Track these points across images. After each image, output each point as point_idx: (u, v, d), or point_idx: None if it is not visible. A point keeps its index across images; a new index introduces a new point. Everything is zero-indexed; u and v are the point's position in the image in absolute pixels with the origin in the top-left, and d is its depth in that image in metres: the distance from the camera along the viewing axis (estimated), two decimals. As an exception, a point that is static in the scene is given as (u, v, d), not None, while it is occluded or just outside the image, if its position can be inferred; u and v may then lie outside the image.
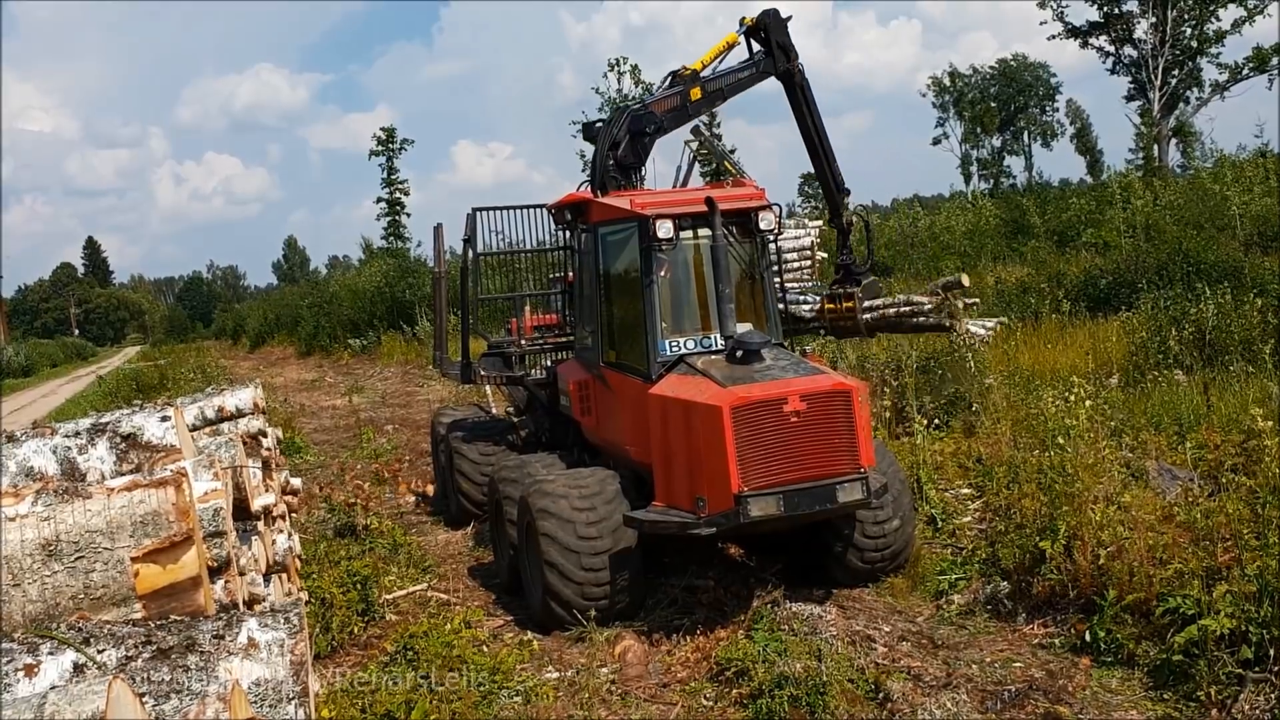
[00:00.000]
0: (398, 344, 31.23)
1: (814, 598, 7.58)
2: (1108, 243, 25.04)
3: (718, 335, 7.68)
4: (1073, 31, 49.66)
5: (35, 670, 2.48)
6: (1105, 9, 48.27)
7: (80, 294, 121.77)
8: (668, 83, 10.29)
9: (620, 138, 9.57)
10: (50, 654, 2.53)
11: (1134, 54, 48.58)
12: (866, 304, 11.89)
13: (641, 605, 7.59)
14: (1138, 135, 49.97)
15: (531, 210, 11.12)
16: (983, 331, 12.50)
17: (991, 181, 77.90)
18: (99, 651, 2.56)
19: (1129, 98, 50.70)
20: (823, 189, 11.79)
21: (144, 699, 2.37)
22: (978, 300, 13.24)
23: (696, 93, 10.13)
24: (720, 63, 10.56)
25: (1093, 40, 49.60)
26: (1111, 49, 49.48)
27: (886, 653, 6.54)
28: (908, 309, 11.83)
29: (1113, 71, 50.16)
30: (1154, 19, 46.75)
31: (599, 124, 9.99)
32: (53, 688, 2.23)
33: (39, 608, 2.79)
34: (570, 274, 9.97)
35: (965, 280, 11.90)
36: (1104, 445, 7.71)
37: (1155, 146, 47.29)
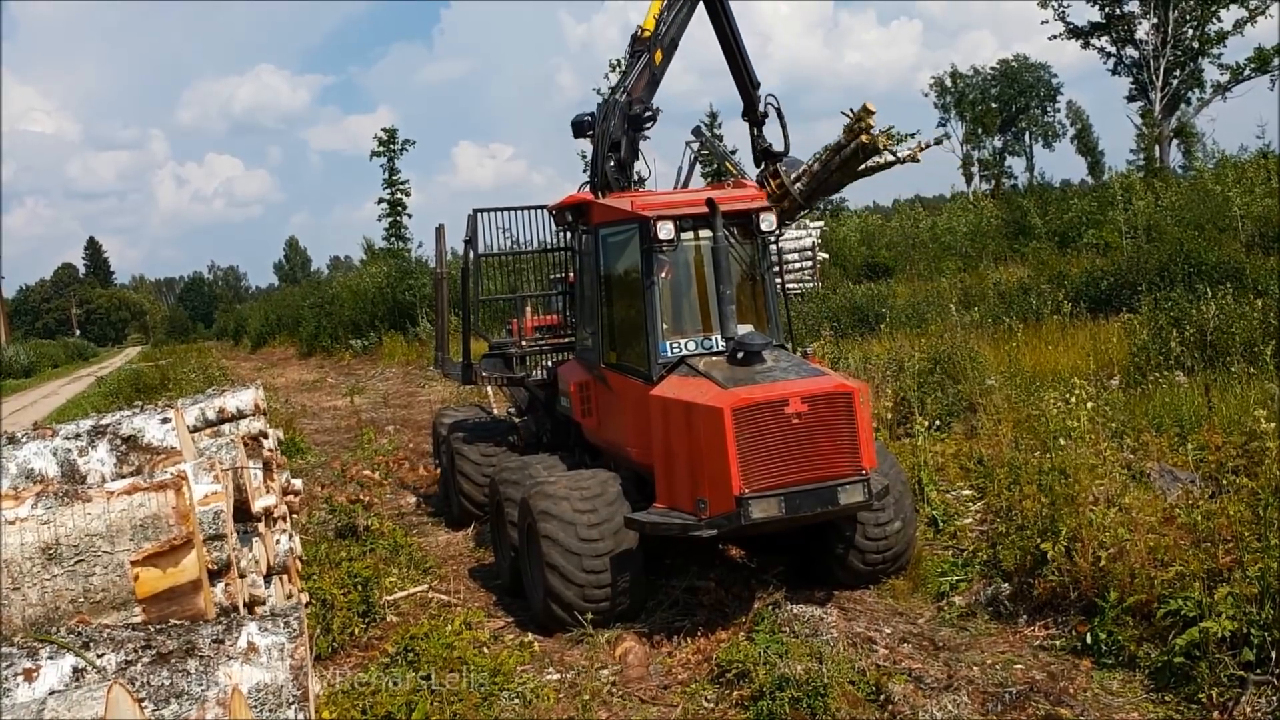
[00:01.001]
0: (399, 345, 31.23)
1: (815, 599, 7.58)
2: (1109, 243, 25.08)
3: (719, 336, 7.68)
4: (1074, 32, 49.69)
5: (35, 674, 2.47)
6: (1107, 9, 48.31)
7: (81, 294, 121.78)
8: (630, 53, 10.16)
9: (618, 137, 9.50)
10: (50, 658, 2.53)
11: (1135, 55, 48.60)
12: (794, 175, 11.65)
13: (642, 607, 7.59)
14: (1139, 136, 50.04)
15: (532, 211, 11.13)
16: (906, 152, 12.34)
17: (992, 182, 77.88)
18: (99, 655, 2.55)
19: (1130, 98, 50.76)
20: (739, 87, 11.51)
21: (143, 703, 2.37)
22: (893, 127, 12.89)
23: (659, 55, 10.02)
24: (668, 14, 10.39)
25: (1094, 41, 49.64)
26: (1113, 49, 49.51)
27: (888, 654, 6.54)
28: (831, 156, 11.46)
29: (1114, 72, 50.22)
30: (1155, 19, 46.77)
31: (588, 117, 9.87)
32: (52, 692, 2.22)
33: (39, 611, 2.79)
34: (571, 275, 9.97)
35: (871, 106, 11.75)
36: (1105, 447, 7.71)
37: (1156, 147, 47.32)
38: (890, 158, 11.38)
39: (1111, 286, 18.44)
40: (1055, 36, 50.80)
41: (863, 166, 11.50)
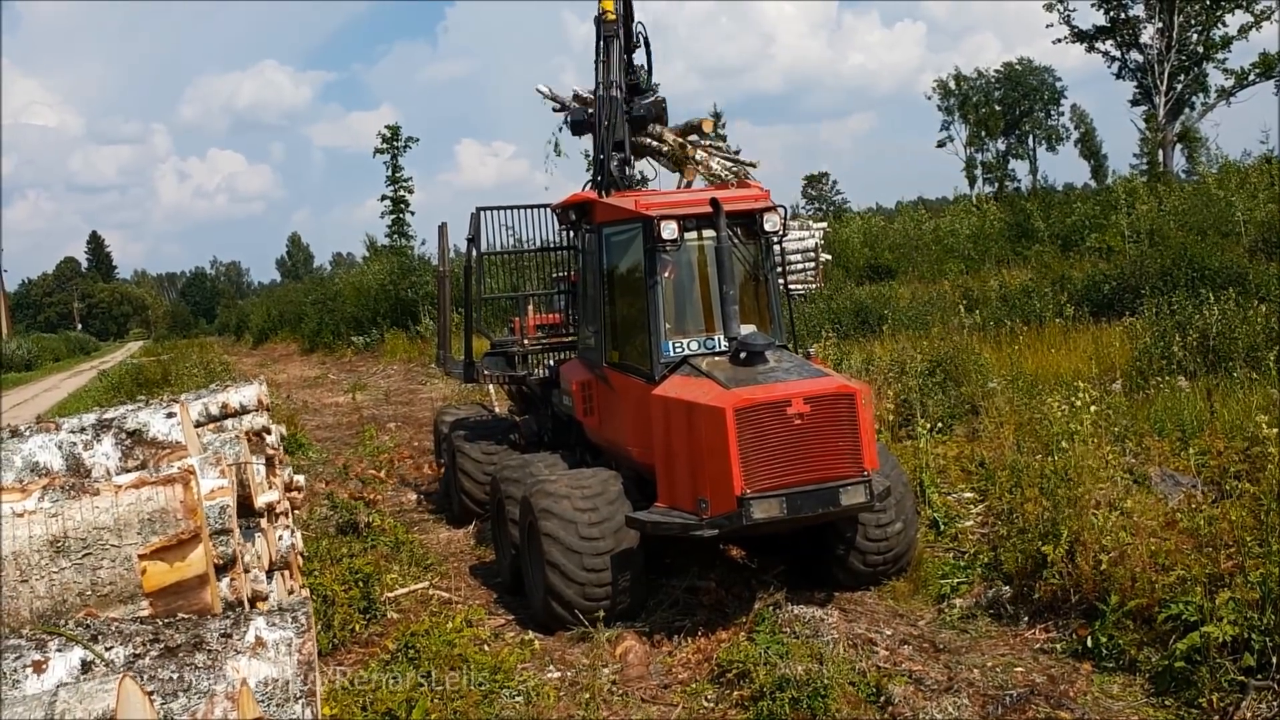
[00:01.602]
0: (401, 342, 31.27)
1: (816, 600, 7.59)
2: (1112, 247, 25.06)
3: (721, 337, 7.68)
4: (1079, 35, 49.69)
5: (44, 667, 2.48)
6: (1112, 13, 48.29)
7: (83, 289, 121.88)
8: (601, 39, 10.06)
9: (621, 135, 9.47)
10: (59, 650, 2.54)
11: (1140, 59, 48.61)
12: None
13: (643, 606, 7.60)
14: (1143, 140, 50.10)
15: (535, 210, 11.15)
16: (719, 168, 11.73)
17: (996, 185, 77.90)
18: (107, 649, 2.56)
19: (1134, 102, 50.78)
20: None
21: (152, 697, 2.38)
22: (726, 145, 12.58)
23: (621, 38, 9.99)
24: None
25: (1099, 44, 49.64)
26: (1117, 53, 49.52)
27: (888, 656, 6.55)
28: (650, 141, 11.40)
29: (1118, 76, 50.23)
30: (1160, 24, 46.75)
31: (586, 115, 9.77)
32: (62, 685, 2.23)
33: (46, 604, 2.80)
34: (574, 274, 9.97)
35: (707, 127, 11.37)
36: (1107, 450, 7.72)
37: (1160, 151, 47.33)
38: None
39: (1114, 290, 18.43)
40: (1060, 40, 50.89)
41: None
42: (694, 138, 11.12)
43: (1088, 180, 76.74)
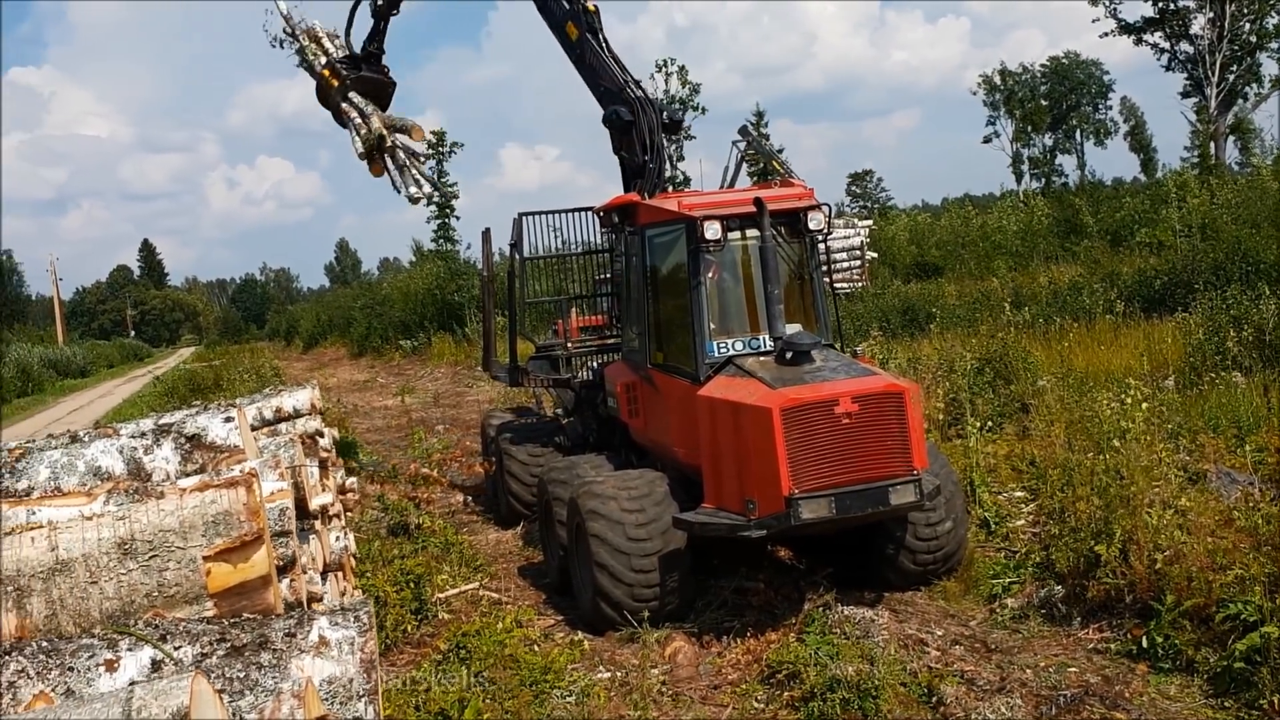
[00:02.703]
0: (448, 345, 31.49)
1: (865, 601, 7.56)
2: (1163, 242, 24.66)
3: (766, 336, 7.67)
4: (1126, 28, 48.96)
5: (116, 665, 2.55)
6: (1161, 5, 47.53)
7: (136, 296, 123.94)
8: (596, 36, 10.18)
9: (659, 139, 9.54)
10: (129, 650, 2.61)
11: (1190, 50, 47.79)
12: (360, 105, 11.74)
13: (691, 607, 7.61)
14: (1193, 133, 49.26)
15: (577, 214, 11.19)
16: (418, 191, 11.99)
17: (1043, 180, 76.93)
18: (175, 648, 2.63)
19: (1184, 94, 49.92)
20: None
21: (221, 695, 2.43)
22: (432, 160, 12.77)
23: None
24: None
25: (1147, 36, 48.87)
26: (1167, 45, 48.71)
27: (939, 656, 6.51)
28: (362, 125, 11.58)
29: (1167, 68, 49.41)
30: (1211, 14, 45.94)
31: (625, 118, 9.81)
32: (134, 683, 2.30)
33: (115, 605, 2.88)
34: (615, 276, 10.00)
35: (416, 136, 11.61)
36: (1160, 448, 7.61)
37: (1212, 144, 46.44)
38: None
39: (1165, 286, 18.16)
40: (1107, 34, 50.12)
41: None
42: (401, 138, 11.51)
43: (1137, 174, 75.52)
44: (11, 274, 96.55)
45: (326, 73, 11.97)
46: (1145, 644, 6.33)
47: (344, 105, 11.84)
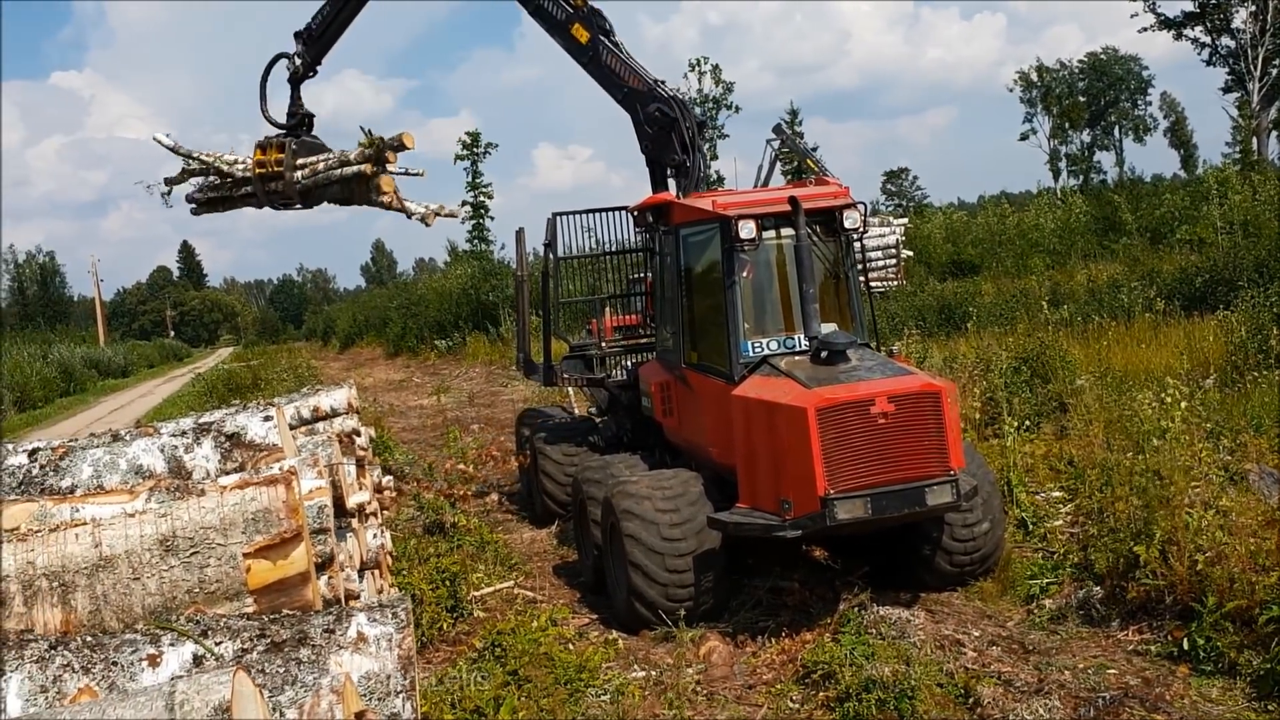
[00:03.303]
0: (482, 345, 31.62)
1: (901, 601, 7.52)
2: (1203, 239, 24.36)
3: (801, 336, 7.64)
4: (1166, 23, 48.36)
5: (158, 660, 2.60)
6: (1201, -1, 46.91)
7: (176, 297, 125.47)
8: (616, 43, 10.16)
9: (699, 140, 9.58)
10: (171, 645, 2.65)
11: (1231, 44, 47.11)
12: (307, 161, 11.05)
13: (726, 606, 7.60)
14: (1235, 128, 48.54)
15: (611, 213, 11.21)
16: (422, 211, 11.54)
17: (1081, 178, 76.16)
18: (216, 644, 2.67)
19: (1226, 89, 49.25)
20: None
21: (261, 690, 2.47)
22: (422, 173, 12.27)
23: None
24: None
25: (1187, 31, 48.23)
26: (1208, 39, 48.06)
27: (976, 657, 6.46)
28: (340, 164, 10.92)
29: (1209, 63, 48.75)
30: (1253, 7, 45.26)
31: (668, 115, 9.82)
32: (177, 677, 2.33)
33: (157, 600, 2.92)
34: (651, 275, 10.01)
35: (408, 142, 10.88)
36: (1201, 448, 7.51)
37: (1254, 139, 45.78)
38: (404, 208, 11.05)
39: (1206, 283, 17.93)
40: (1146, 29, 49.55)
41: (373, 197, 11.00)
42: (389, 163, 10.96)
43: (1177, 171, 74.64)
44: (54, 275, 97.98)
45: (259, 170, 11.33)
46: (1186, 646, 6.25)
47: (303, 179, 11.16)
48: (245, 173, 11.51)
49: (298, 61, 11.43)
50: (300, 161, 11.09)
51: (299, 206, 11.76)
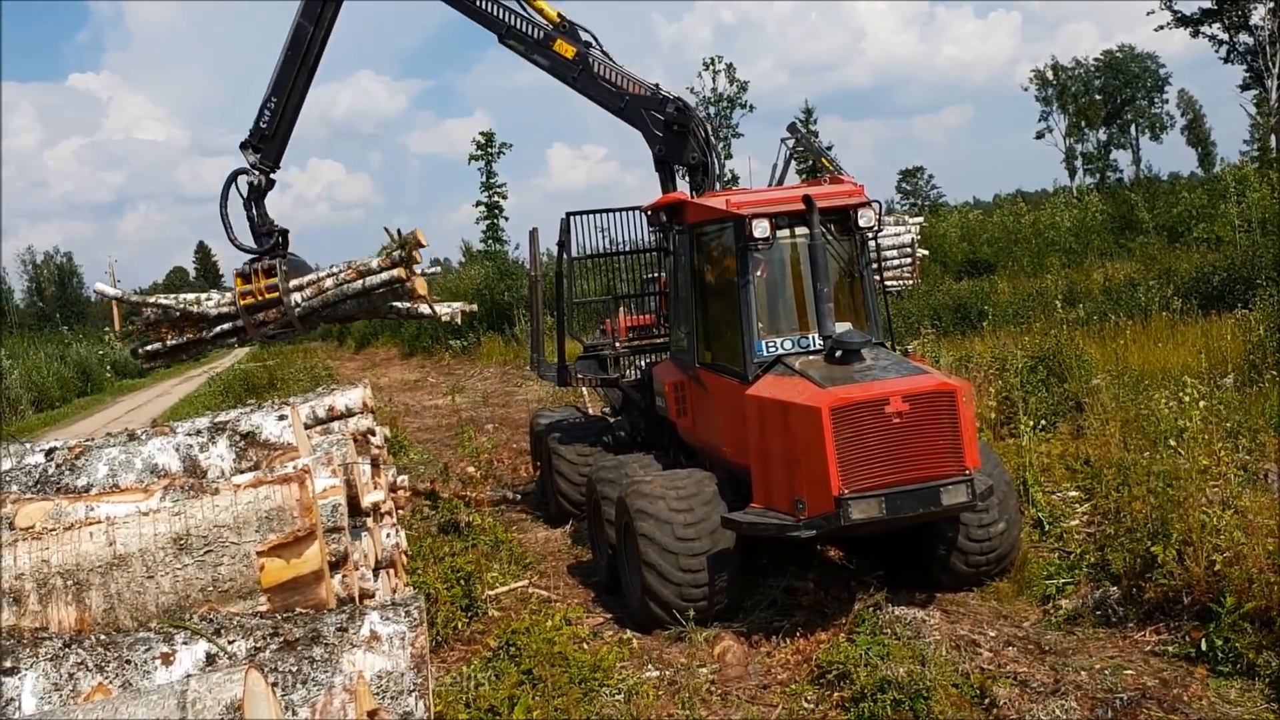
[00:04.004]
0: (497, 345, 31.68)
1: (917, 601, 7.49)
2: (1221, 238, 24.20)
3: (816, 335, 7.63)
4: (1183, 20, 48.07)
5: (172, 659, 2.60)
6: (1219, -5, 46.63)
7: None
8: (605, 52, 10.10)
9: (712, 138, 9.62)
10: (184, 643, 2.66)
11: (1250, 41, 46.81)
12: (295, 282, 10.03)
13: (740, 606, 7.59)
14: (1253, 125, 48.27)
15: (625, 213, 11.21)
16: (449, 311, 10.93)
17: (1097, 176, 75.82)
18: (229, 642, 2.68)
19: (1244, 87, 48.96)
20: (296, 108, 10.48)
21: (274, 688, 2.47)
22: (438, 270, 11.49)
23: None
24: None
25: (1204, 28, 47.94)
26: (1225, 37, 47.77)
27: (992, 658, 6.43)
28: (356, 277, 9.86)
29: (1226, 60, 48.47)
30: (1272, 4, 44.98)
31: (678, 109, 9.81)
32: (189, 676, 2.34)
33: (171, 599, 2.93)
34: (665, 275, 10.01)
35: (422, 237, 10.03)
36: (1219, 447, 7.46)
37: (1273, 136, 45.47)
38: (426, 309, 10.17)
39: (1224, 282, 17.82)
40: (1162, 26, 49.28)
41: (401, 304, 10.20)
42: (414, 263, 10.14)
43: (1194, 169, 74.20)
44: (72, 276, 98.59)
45: (246, 301, 10.07)
46: (1204, 647, 6.20)
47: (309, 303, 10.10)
48: (220, 309, 10.35)
49: (256, 174, 10.41)
50: (295, 283, 10.08)
51: (297, 334, 10.84)
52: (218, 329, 10.30)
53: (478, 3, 10.09)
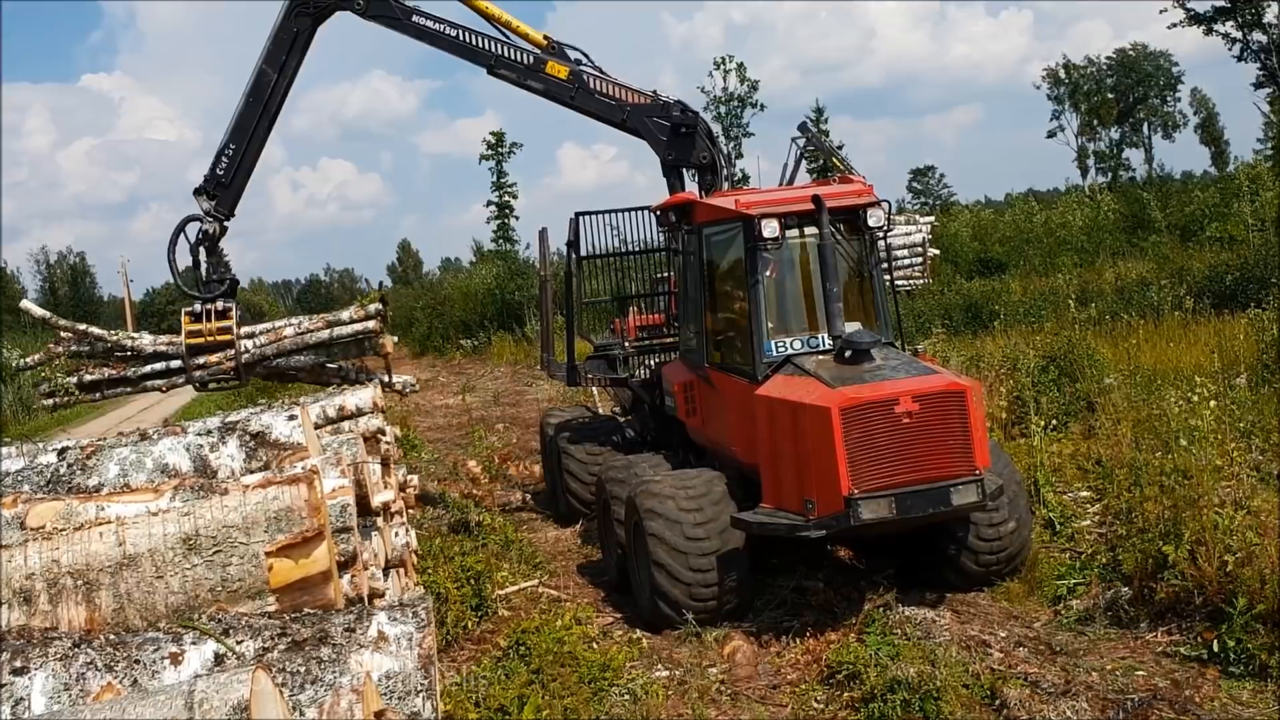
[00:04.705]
0: (507, 344, 31.72)
1: (927, 601, 7.47)
2: (1234, 237, 24.10)
3: (825, 335, 7.61)
4: (1195, 18, 47.75)
5: (180, 659, 2.62)
6: (1232, -8, 46.31)
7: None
8: (598, 68, 10.09)
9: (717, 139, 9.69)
10: (193, 644, 2.67)
11: (1263, 39, 46.53)
12: (247, 330, 9.70)
13: (750, 606, 7.58)
14: (1267, 124, 47.98)
15: (634, 213, 11.21)
16: (401, 382, 10.49)
17: (1110, 175, 75.51)
18: (238, 642, 2.69)
19: (1257, 85, 48.63)
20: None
21: (281, 689, 2.48)
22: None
23: None
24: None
25: (1217, 26, 47.62)
26: (1239, 35, 47.45)
27: (1002, 658, 6.41)
28: (321, 328, 9.57)
29: (1239, 58, 48.12)
30: (1286, 1, 44.65)
31: (683, 111, 9.83)
32: (197, 676, 2.35)
33: (180, 599, 2.94)
34: (674, 275, 10.01)
35: (389, 298, 9.86)
36: (1232, 447, 7.43)
37: (1286, 135, 45.15)
38: (383, 374, 9.90)
39: (1237, 281, 17.75)
40: (1175, 24, 48.93)
41: (338, 368, 9.87)
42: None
43: (1207, 168, 73.84)
44: (84, 276, 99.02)
45: (193, 341, 9.65)
46: (1216, 648, 6.18)
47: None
48: (158, 346, 10.00)
49: (209, 222, 10.03)
50: (247, 330, 9.84)
51: (236, 383, 10.43)
52: (148, 368, 9.88)
53: (461, 39, 9.99)
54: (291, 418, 4.37)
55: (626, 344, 11.03)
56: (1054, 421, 10.96)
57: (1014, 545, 7.64)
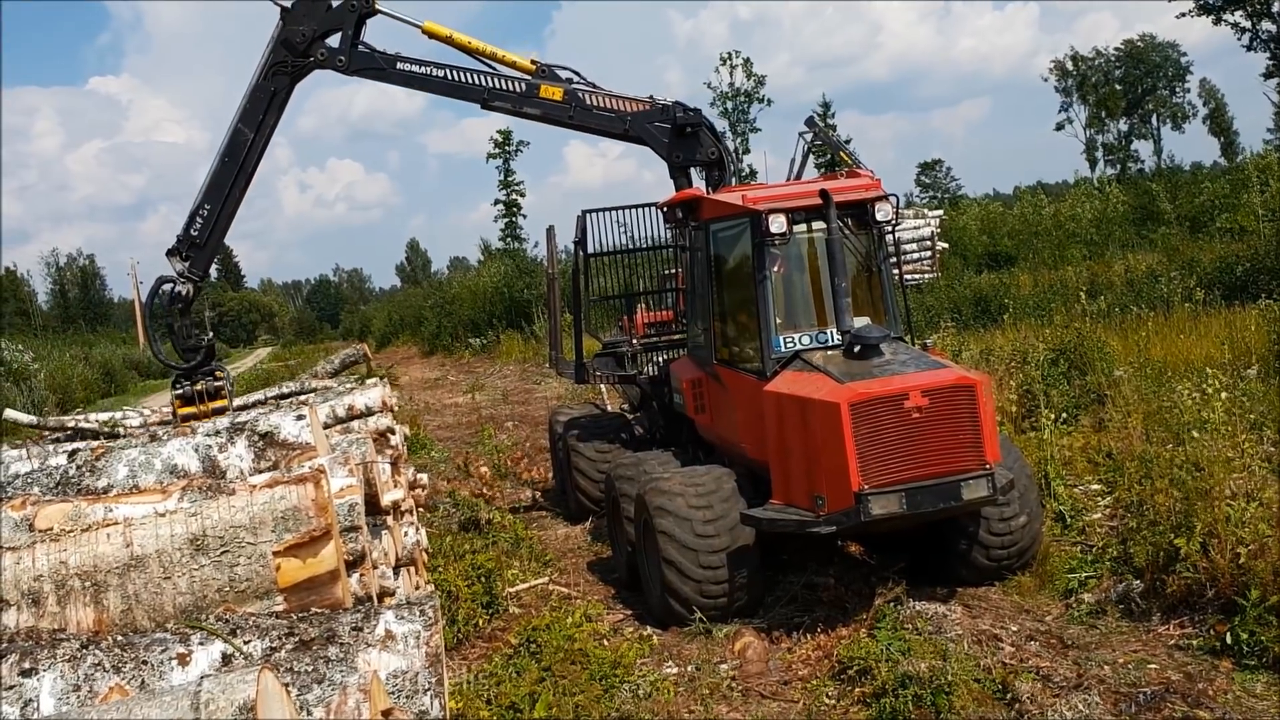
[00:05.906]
0: (516, 343, 31.73)
1: (938, 596, 7.45)
2: (1244, 228, 23.96)
3: (834, 330, 7.59)
4: (1204, 8, 47.59)
5: (188, 659, 2.62)
6: (1241, -18, 46.16)
7: (214, 297, 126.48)
8: (592, 84, 10.10)
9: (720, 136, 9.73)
10: (200, 644, 2.67)
11: (1272, 29, 46.33)
12: (240, 401, 9.70)
13: (760, 602, 7.57)
14: (1277, 114, 47.80)
15: (641, 210, 11.20)
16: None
17: (1118, 167, 75.25)
18: (245, 642, 2.69)
19: (1267, 75, 48.46)
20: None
21: (289, 688, 2.48)
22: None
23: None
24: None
25: (1227, 16, 47.46)
26: (1248, 24, 47.28)
27: (1014, 652, 6.39)
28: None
29: (1249, 48, 47.95)
30: (1294, -9, 44.49)
31: (685, 110, 9.85)
32: (203, 676, 2.35)
33: (188, 599, 2.95)
34: (682, 271, 10.01)
35: (367, 351, 9.89)
36: (1243, 439, 7.39)
37: (1296, 125, 44.97)
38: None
39: (1247, 272, 17.65)
40: (1184, 14, 48.78)
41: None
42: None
43: (1217, 159, 73.47)
44: (94, 278, 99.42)
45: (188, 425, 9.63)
46: (1229, 640, 6.15)
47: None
48: (151, 429, 9.53)
49: (183, 283, 9.95)
50: (241, 402, 9.91)
51: None
52: None
53: (451, 78, 9.95)
54: (300, 418, 4.37)
55: (635, 341, 11.02)
56: (1064, 414, 10.91)
57: (1025, 539, 7.61)
